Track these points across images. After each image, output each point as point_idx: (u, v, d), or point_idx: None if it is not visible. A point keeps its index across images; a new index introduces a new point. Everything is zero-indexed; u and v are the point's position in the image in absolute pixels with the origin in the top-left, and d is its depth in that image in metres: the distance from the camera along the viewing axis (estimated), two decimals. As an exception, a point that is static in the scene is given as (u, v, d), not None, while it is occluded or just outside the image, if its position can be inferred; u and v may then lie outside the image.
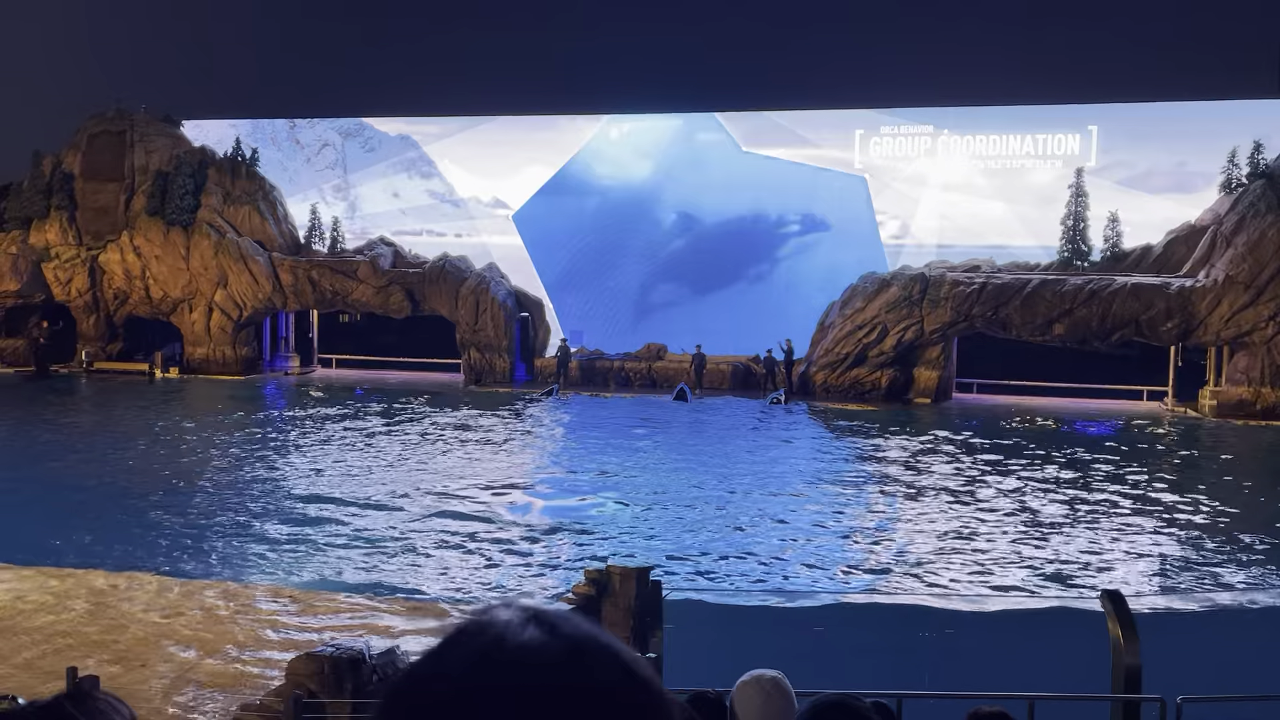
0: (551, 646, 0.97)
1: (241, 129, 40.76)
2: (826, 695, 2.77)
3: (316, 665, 8.73)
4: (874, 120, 36.91)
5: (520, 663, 0.96)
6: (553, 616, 1.01)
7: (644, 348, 36.38)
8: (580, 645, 0.98)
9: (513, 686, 0.94)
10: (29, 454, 22.80)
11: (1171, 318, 29.78)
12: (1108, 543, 16.33)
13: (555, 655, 0.97)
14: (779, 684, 3.21)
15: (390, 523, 16.98)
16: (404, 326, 37.48)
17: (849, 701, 2.70)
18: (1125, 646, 7.52)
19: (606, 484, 20.27)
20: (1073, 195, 33.31)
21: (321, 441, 24.52)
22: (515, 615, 1.00)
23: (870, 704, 2.77)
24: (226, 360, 37.12)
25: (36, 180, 38.95)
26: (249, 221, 38.21)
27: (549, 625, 0.99)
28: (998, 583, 14.29)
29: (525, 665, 0.96)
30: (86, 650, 10.40)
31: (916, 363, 32.68)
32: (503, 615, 1.00)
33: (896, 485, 20.46)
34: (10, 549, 13.90)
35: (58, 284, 37.95)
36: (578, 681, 0.96)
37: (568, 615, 1.03)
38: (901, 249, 36.52)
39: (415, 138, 41.57)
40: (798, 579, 14.40)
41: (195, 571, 13.99)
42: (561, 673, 0.96)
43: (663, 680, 5.12)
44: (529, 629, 0.98)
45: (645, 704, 0.98)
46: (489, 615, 1.01)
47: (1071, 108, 35.29)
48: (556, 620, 1.00)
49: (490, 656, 0.97)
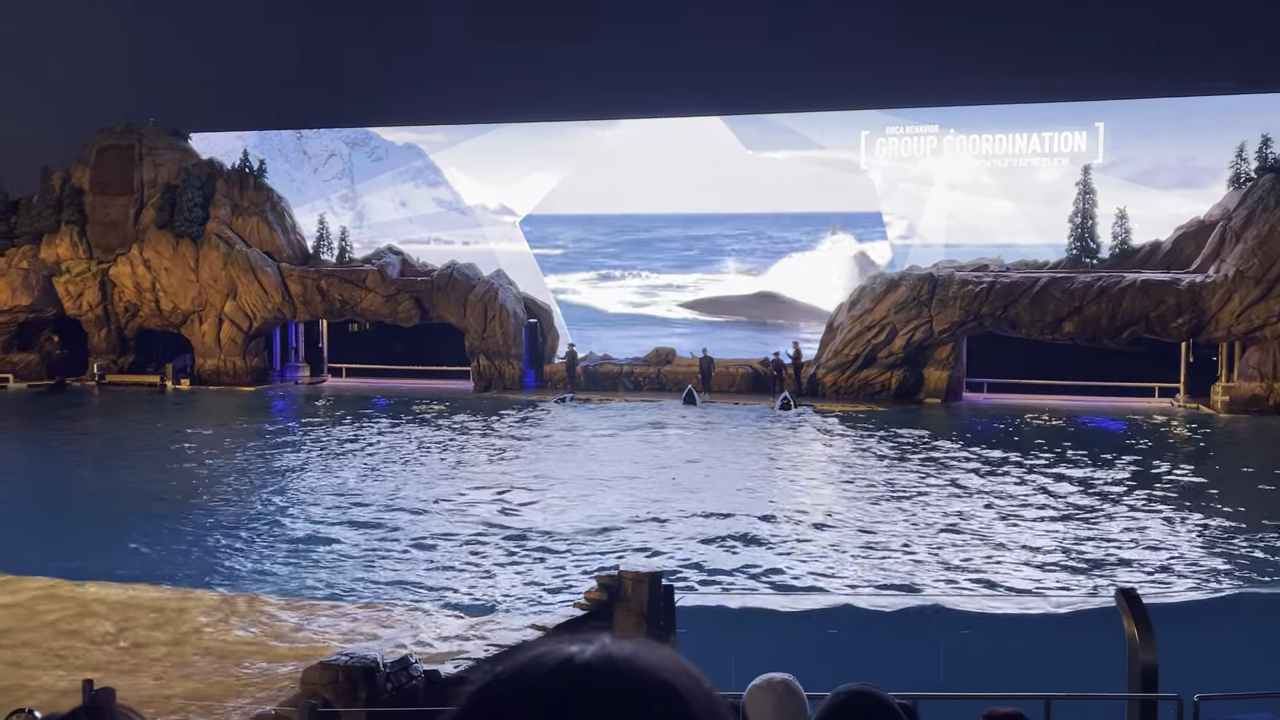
0: (613, 690, 0.96)
1: (249, 140, 40.94)
2: (849, 686, 2.76)
3: (330, 674, 8.74)
4: (879, 121, 36.88)
5: (571, 700, 0.95)
6: (630, 655, 0.99)
7: (652, 352, 36.39)
8: (646, 694, 0.97)
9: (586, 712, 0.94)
10: (69, 467, 22.92)
11: (1182, 314, 29.66)
12: (1122, 540, 16.26)
13: (615, 702, 0.95)
14: (790, 687, 3.21)
15: (410, 531, 17.00)
16: (413, 334, 37.56)
17: (872, 691, 2.70)
18: (1141, 644, 7.48)
19: (618, 488, 20.26)
20: (1080, 192, 33.22)
21: (347, 450, 24.57)
22: (590, 649, 0.99)
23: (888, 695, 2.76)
24: (237, 371, 37.26)
25: (47, 195, 39.17)
26: (257, 232, 38.36)
27: (619, 664, 0.98)
28: (1011, 582, 14.24)
29: (575, 703, 0.95)
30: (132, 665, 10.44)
31: (926, 363, 32.61)
32: (573, 649, 0.99)
33: (906, 485, 20.40)
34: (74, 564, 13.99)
35: (69, 298, 38.14)
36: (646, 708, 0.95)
37: (647, 657, 1.00)
38: (909, 249, 36.47)
39: (421, 146, 41.71)
40: (810, 582, 14.37)
41: (213, 582, 14.03)
42: (632, 697, 0.95)
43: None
44: (598, 663, 0.97)
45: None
46: (561, 647, 1.00)
47: (1078, 105, 35.19)
48: (631, 661, 0.98)
49: (544, 689, 0.96)
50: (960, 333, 32.21)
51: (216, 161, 39.77)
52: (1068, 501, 18.82)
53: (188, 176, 38.57)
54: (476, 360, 35.92)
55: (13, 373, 37.77)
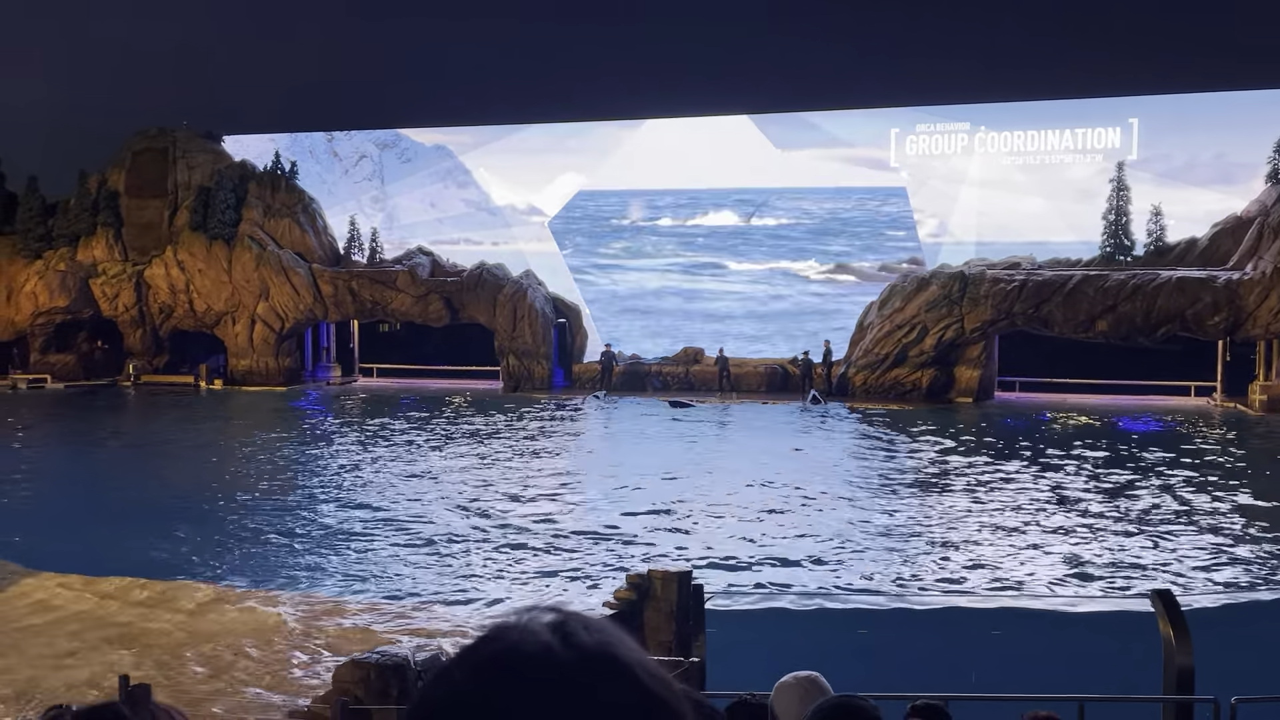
0: (563, 657, 0.96)
1: (280, 143, 41.30)
2: (829, 699, 2.78)
3: (362, 672, 8.81)
4: (909, 118, 36.63)
5: (523, 673, 0.95)
6: (576, 626, 0.99)
7: (681, 351, 36.37)
8: (593, 657, 0.97)
9: (512, 695, 0.94)
10: (118, 467, 23.26)
11: (1219, 311, 29.24)
12: (1158, 541, 16.06)
13: (565, 667, 0.96)
14: (817, 683, 3.20)
15: (442, 529, 17.09)
16: (443, 335, 37.76)
17: (853, 702, 2.70)
18: (1177, 647, 7.39)
19: (652, 486, 20.25)
20: (1114, 189, 32.83)
21: (380, 450, 24.74)
22: (539, 623, 1.00)
23: (873, 705, 2.76)
24: (269, 371, 37.62)
25: (83, 198, 39.73)
26: (289, 234, 38.71)
27: (567, 635, 0.98)
28: (1045, 582, 14.10)
29: (528, 676, 0.95)
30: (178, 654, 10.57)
31: (957, 362, 32.36)
32: (525, 622, 1.00)
33: (940, 485, 20.26)
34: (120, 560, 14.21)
35: (105, 299, 38.66)
36: (580, 694, 0.95)
37: (595, 625, 1.01)
38: (940, 247, 36.20)
39: (450, 147, 41.90)
40: (841, 581, 14.30)
41: (241, 583, 14.18)
42: (566, 686, 0.95)
43: (704, 686, 5.11)
44: (547, 637, 0.98)
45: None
46: (513, 621, 1.01)
47: (1111, 100, 34.77)
48: (577, 630, 0.99)
49: (496, 664, 0.97)
50: (992, 331, 31.94)
51: (249, 164, 40.17)
52: (1101, 501, 18.60)
53: (221, 179, 38.98)
54: (506, 360, 36.05)
55: (50, 373, 38.35)
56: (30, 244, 39.24)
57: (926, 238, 36.86)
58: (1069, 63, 37.62)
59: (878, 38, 41.53)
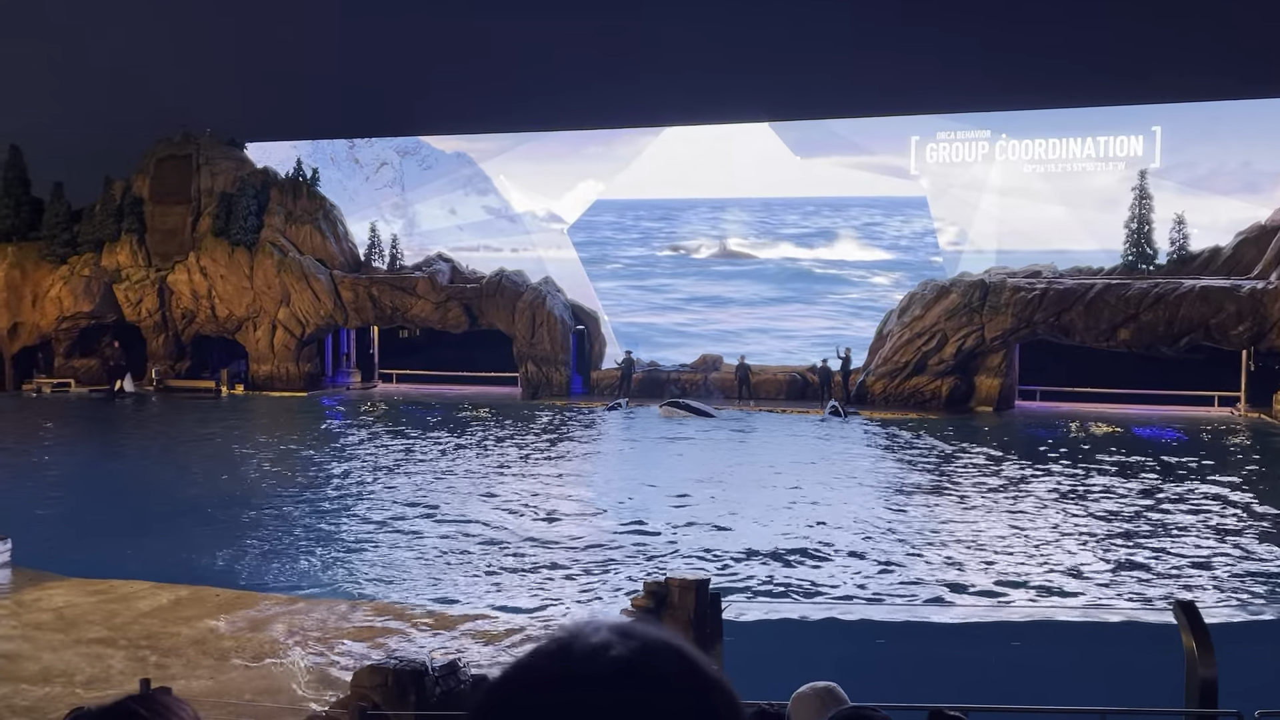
0: (622, 671, 0.96)
1: (302, 150, 41.60)
2: (846, 709, 2.77)
3: (380, 677, 8.83)
4: (930, 126, 36.54)
5: (582, 680, 0.96)
6: (639, 638, 0.99)
7: (699, 359, 36.35)
8: (654, 671, 0.96)
9: (569, 703, 0.95)
10: (154, 473, 23.47)
11: (1242, 321, 28.98)
12: (1180, 552, 15.91)
13: (623, 679, 0.95)
14: (834, 693, 3.19)
15: (460, 535, 17.13)
16: (462, 341, 37.89)
17: (869, 712, 2.69)
18: (1200, 659, 7.32)
19: (671, 493, 20.24)
20: (1136, 198, 32.61)
21: (399, 455, 24.84)
22: (600, 632, 0.99)
23: (889, 716, 2.75)
24: (290, 377, 37.84)
25: (108, 204, 40.12)
26: (310, 240, 38.96)
27: (629, 647, 0.98)
28: (1065, 594, 13.99)
29: (586, 683, 0.95)
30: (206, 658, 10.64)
31: (977, 370, 32.20)
32: (587, 631, 1.00)
33: (959, 494, 20.15)
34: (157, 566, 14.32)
35: (128, 304, 39.00)
36: (636, 705, 0.95)
37: (657, 639, 1.00)
38: (960, 255, 36.05)
39: (471, 155, 42.09)
40: (859, 591, 14.23)
41: (279, 585, 14.25)
42: (635, 709, 0.94)
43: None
44: (608, 646, 0.98)
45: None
46: (574, 631, 1.01)
47: (1134, 109, 34.57)
48: (639, 643, 0.98)
49: (561, 678, 0.96)
50: (1012, 340, 31.77)
51: (271, 170, 40.47)
52: (1124, 512, 18.46)
53: (243, 185, 39.30)
54: (525, 366, 36.14)
55: (74, 378, 38.72)
56: (56, 249, 39.67)
57: (947, 246, 36.72)
58: (1091, 70, 37.42)
59: (898, 45, 41.46)
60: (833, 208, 38.49)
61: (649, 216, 40.78)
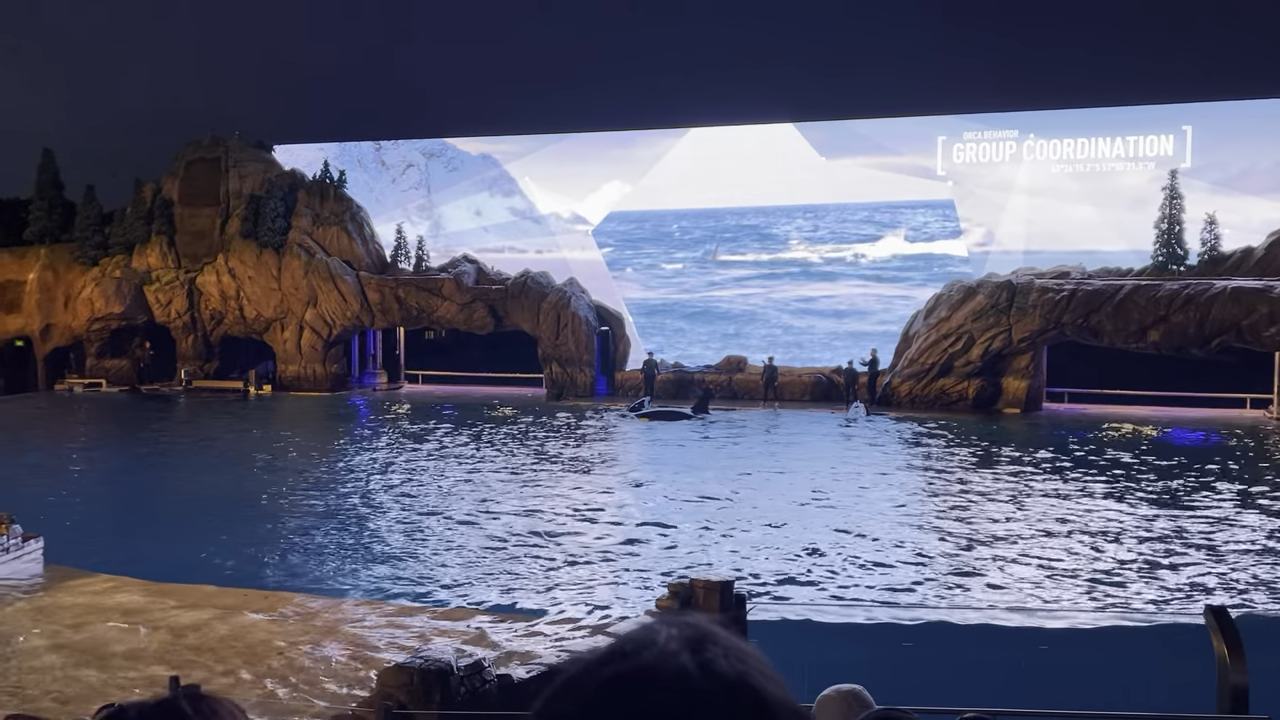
0: (700, 685, 0.93)
1: (329, 152, 41.89)
2: (872, 712, 2.75)
3: (405, 677, 8.87)
4: (956, 126, 36.29)
5: (657, 698, 0.93)
6: (715, 651, 0.96)
7: (724, 360, 36.28)
8: (733, 691, 0.94)
9: (627, 714, 0.93)
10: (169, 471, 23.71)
11: (1275, 322, 28.59)
12: (1213, 556, 15.72)
13: (702, 697, 0.92)
14: (859, 696, 3.18)
15: (483, 536, 17.19)
16: (487, 342, 38.03)
17: (896, 714, 2.67)
18: (1231, 664, 7.22)
19: (698, 494, 20.21)
20: (1167, 198, 32.24)
21: (425, 456, 24.96)
22: (673, 640, 0.96)
23: (916, 718, 2.73)
24: (317, 377, 38.12)
25: (138, 207, 40.58)
26: (337, 242, 39.23)
27: (706, 661, 0.95)
28: (1095, 597, 13.85)
29: (662, 702, 0.92)
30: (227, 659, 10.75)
31: (1004, 372, 31.95)
32: (661, 639, 0.97)
33: (985, 496, 20.00)
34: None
35: (158, 305, 39.44)
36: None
37: (734, 652, 0.97)
38: (987, 256, 35.78)
39: (496, 156, 42.23)
40: (885, 594, 14.16)
41: (291, 584, 14.35)
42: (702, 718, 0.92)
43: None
44: (685, 660, 0.95)
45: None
46: (648, 635, 0.98)
47: (1165, 108, 34.19)
48: (716, 657, 0.95)
49: (629, 684, 0.94)
50: (1040, 341, 31.50)
51: (298, 173, 40.78)
52: (1156, 515, 18.25)
53: (271, 188, 39.63)
54: (549, 367, 36.21)
55: (105, 378, 39.19)
56: (88, 251, 40.17)
57: (973, 246, 36.46)
58: (1120, 69, 37.07)
59: (924, 44, 41.24)
60: (858, 209, 38.33)
61: (673, 219, 40.73)
